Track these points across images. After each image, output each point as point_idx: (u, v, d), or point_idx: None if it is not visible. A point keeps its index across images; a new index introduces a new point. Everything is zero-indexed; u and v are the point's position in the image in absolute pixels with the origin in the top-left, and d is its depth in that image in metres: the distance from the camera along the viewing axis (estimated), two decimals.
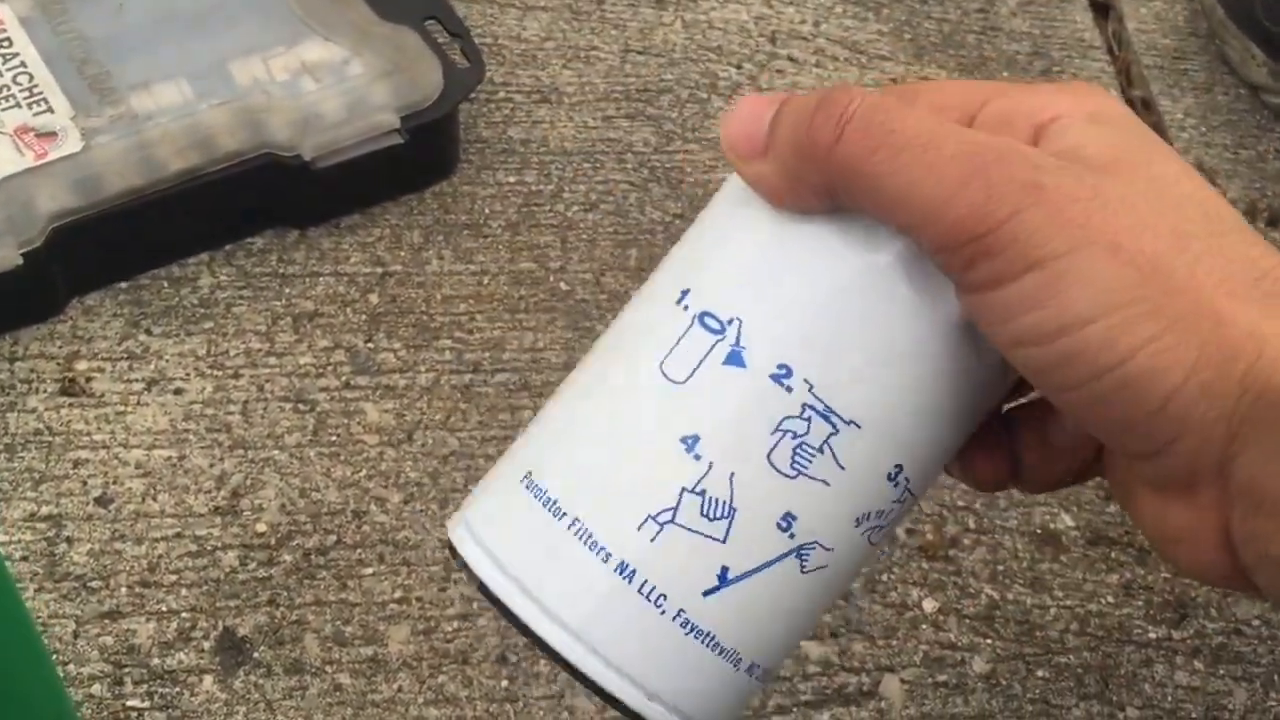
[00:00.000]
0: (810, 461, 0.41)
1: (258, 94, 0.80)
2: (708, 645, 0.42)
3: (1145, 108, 0.97)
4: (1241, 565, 0.40)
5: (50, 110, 0.78)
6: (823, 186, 0.41)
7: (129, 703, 0.67)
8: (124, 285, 0.80)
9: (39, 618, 0.69)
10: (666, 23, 0.98)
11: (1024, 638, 0.73)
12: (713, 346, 0.42)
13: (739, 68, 0.96)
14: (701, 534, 0.41)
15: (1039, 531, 0.76)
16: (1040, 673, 0.72)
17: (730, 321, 0.42)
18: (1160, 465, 0.40)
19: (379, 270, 0.83)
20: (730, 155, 0.44)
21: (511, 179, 0.88)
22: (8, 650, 0.47)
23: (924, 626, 0.73)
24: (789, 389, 0.41)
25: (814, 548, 0.42)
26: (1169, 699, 0.71)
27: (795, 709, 0.69)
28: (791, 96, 0.43)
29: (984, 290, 0.40)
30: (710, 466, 0.41)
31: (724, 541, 0.41)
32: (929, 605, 0.73)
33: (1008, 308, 0.39)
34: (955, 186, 0.39)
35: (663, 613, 0.41)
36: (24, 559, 0.70)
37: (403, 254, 0.84)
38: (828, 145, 0.40)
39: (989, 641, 0.72)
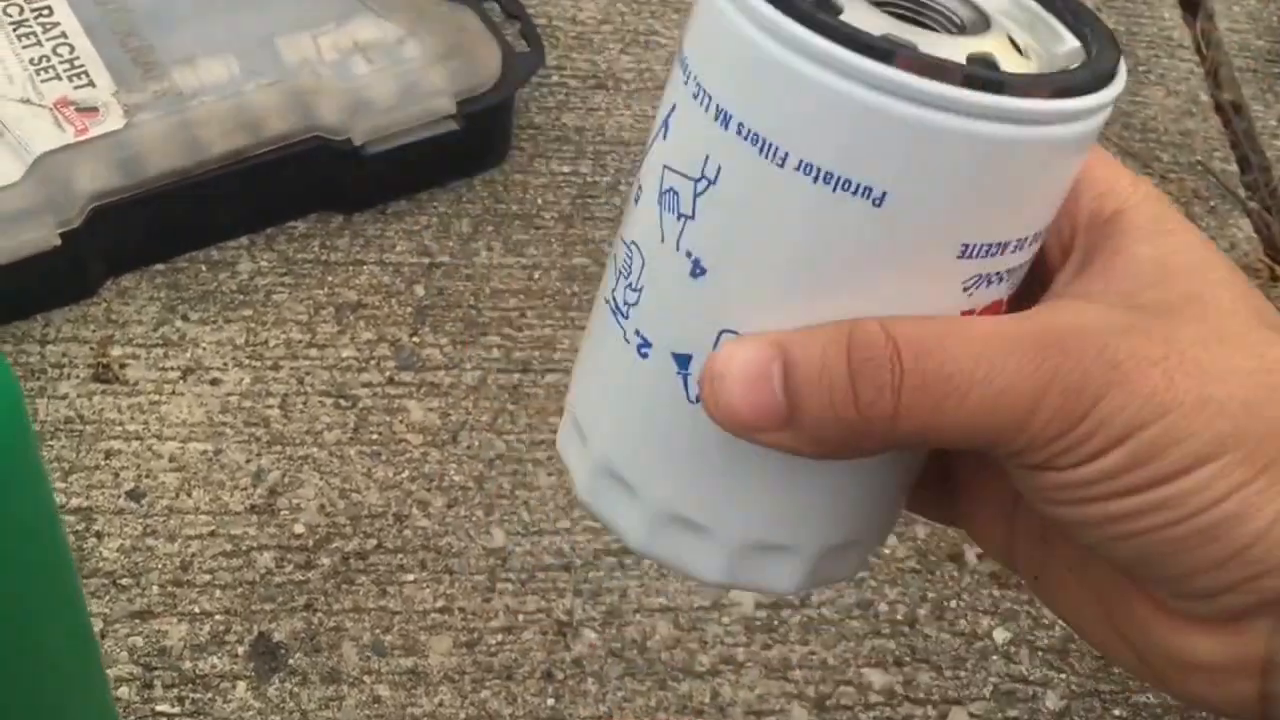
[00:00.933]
0: None
1: (307, 75, 0.79)
2: None
3: (1236, 112, 0.96)
4: (1269, 692, 0.41)
5: (92, 84, 0.77)
6: (881, 448, 0.40)
7: (158, 707, 0.67)
8: (160, 267, 0.80)
9: None
10: None
11: (1100, 674, 0.72)
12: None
13: None
14: None
15: None
16: (1116, 711, 0.71)
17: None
18: (1222, 602, 0.40)
19: (426, 260, 0.82)
20: (735, 428, 0.39)
21: (565, 169, 0.87)
22: (64, 656, 0.47)
23: (994, 658, 0.72)
24: None
25: None
26: None
27: None
28: (798, 349, 0.39)
29: (1066, 470, 0.39)
30: None
31: None
32: (1000, 635, 0.73)
33: (1090, 480, 0.39)
34: (1031, 403, 0.38)
35: None
36: None
37: (451, 244, 0.83)
38: (887, 418, 0.38)
39: (1063, 676, 0.72)
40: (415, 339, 0.79)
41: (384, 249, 0.82)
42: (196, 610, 0.69)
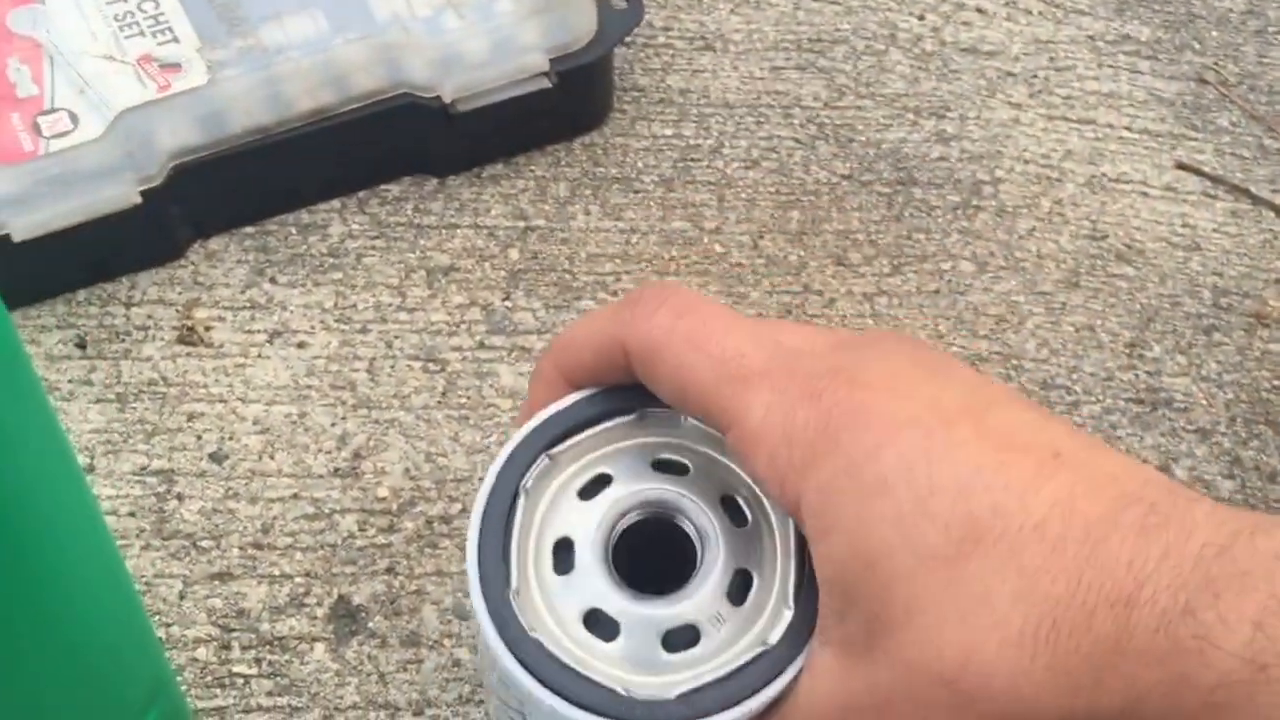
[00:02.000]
0: None
1: (396, 29, 0.81)
2: None
3: None
4: None
5: (175, 40, 0.79)
6: None
7: (235, 669, 0.68)
8: (250, 230, 0.81)
9: (143, 576, 0.70)
10: None
11: None
12: None
13: (921, 18, 0.96)
14: None
15: None
16: None
17: None
18: None
19: (521, 224, 0.83)
20: None
21: (668, 131, 0.88)
22: (106, 611, 0.48)
23: None
24: None
25: None
26: None
27: None
28: None
29: None
30: None
31: None
32: None
33: None
34: None
35: None
36: (131, 514, 0.72)
37: (547, 207, 0.84)
38: None
39: None
40: (508, 303, 0.80)
41: (478, 212, 0.84)
42: (276, 573, 0.71)
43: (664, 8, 0.94)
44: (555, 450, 0.49)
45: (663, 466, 0.50)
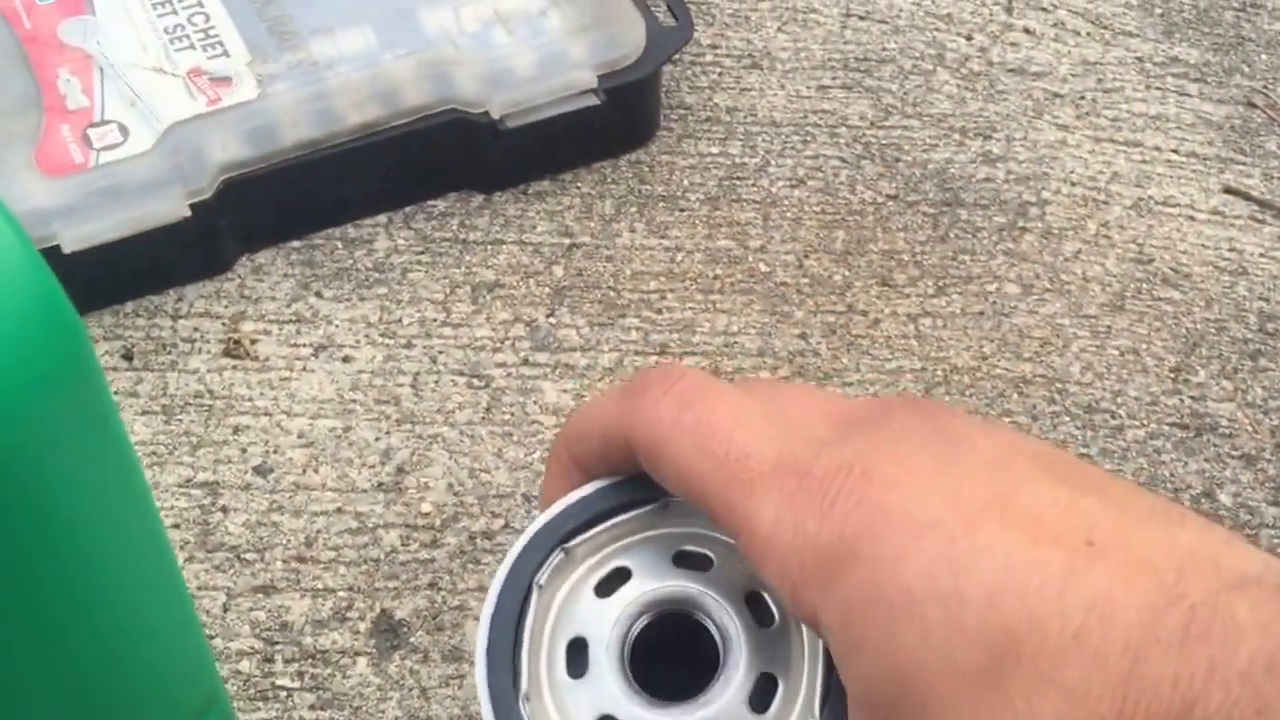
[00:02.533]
0: None
1: (446, 45, 0.82)
2: None
3: None
4: None
5: (226, 54, 0.81)
6: None
7: (278, 681, 0.70)
8: (296, 244, 0.83)
9: (188, 588, 0.72)
10: None
11: None
12: None
13: (969, 39, 0.97)
14: None
15: None
16: None
17: None
18: None
19: (566, 241, 0.85)
20: None
21: (714, 150, 0.90)
22: (162, 623, 0.49)
23: None
24: None
25: None
26: None
27: None
28: None
29: None
30: None
31: None
32: None
33: None
34: None
35: None
36: (176, 526, 0.73)
37: (592, 225, 0.86)
38: None
39: None
40: (552, 320, 0.82)
41: (524, 229, 0.85)
42: (320, 586, 0.72)
43: (711, 25, 0.95)
44: (571, 544, 0.48)
45: (684, 559, 0.49)
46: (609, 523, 0.48)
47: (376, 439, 0.77)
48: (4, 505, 0.36)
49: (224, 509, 0.74)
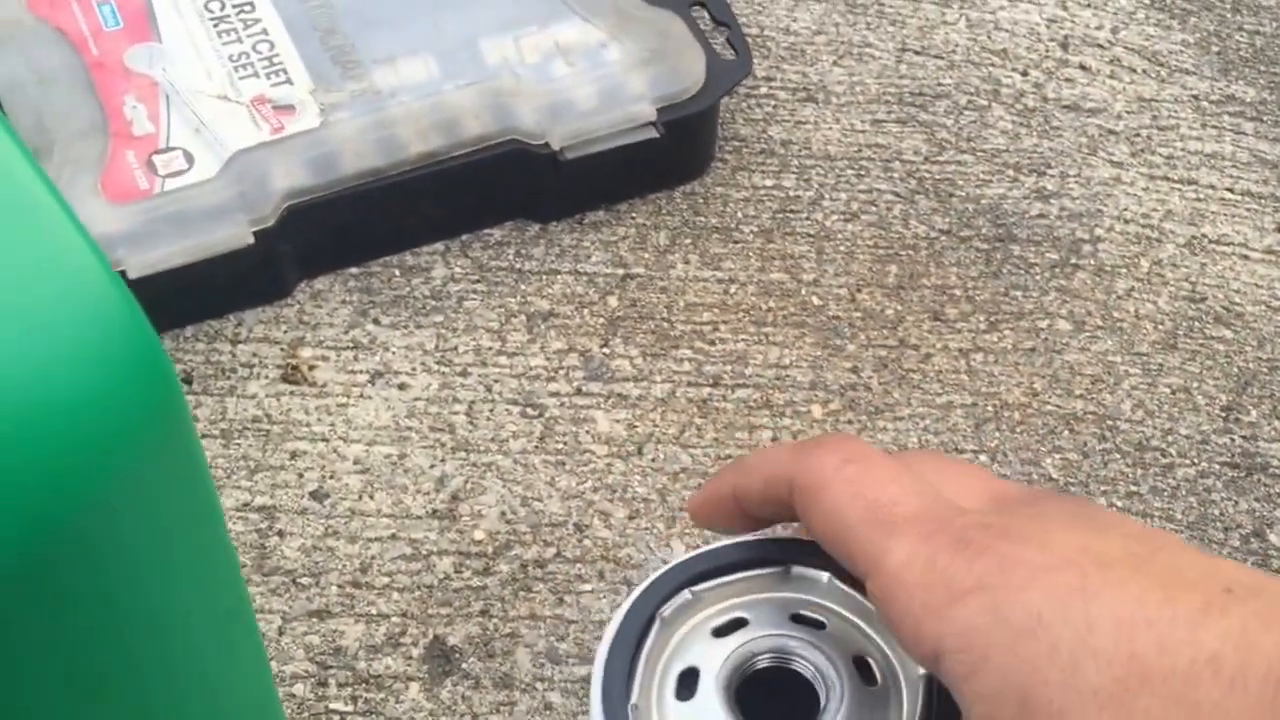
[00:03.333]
0: None
1: (506, 75, 0.86)
2: None
3: None
4: None
5: (289, 82, 0.84)
6: None
7: (332, 705, 0.73)
8: (354, 271, 0.86)
9: None
10: (949, 21, 1.02)
11: None
12: None
13: (1024, 74, 1.00)
14: None
15: None
16: None
17: None
18: None
19: (620, 272, 0.88)
20: None
21: (768, 182, 0.93)
22: (232, 671, 0.52)
23: None
24: None
25: None
26: None
27: None
28: None
29: None
30: None
31: None
32: None
33: None
34: None
35: None
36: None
37: (647, 256, 0.89)
38: None
39: None
40: (605, 350, 0.85)
41: (579, 259, 0.88)
42: (374, 611, 0.75)
43: (767, 58, 0.98)
44: (699, 587, 0.52)
45: (800, 620, 0.52)
46: (735, 575, 0.52)
47: (431, 466, 0.80)
48: (97, 567, 0.37)
49: (280, 533, 0.77)
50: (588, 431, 0.82)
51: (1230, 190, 0.96)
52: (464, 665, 0.74)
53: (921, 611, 0.45)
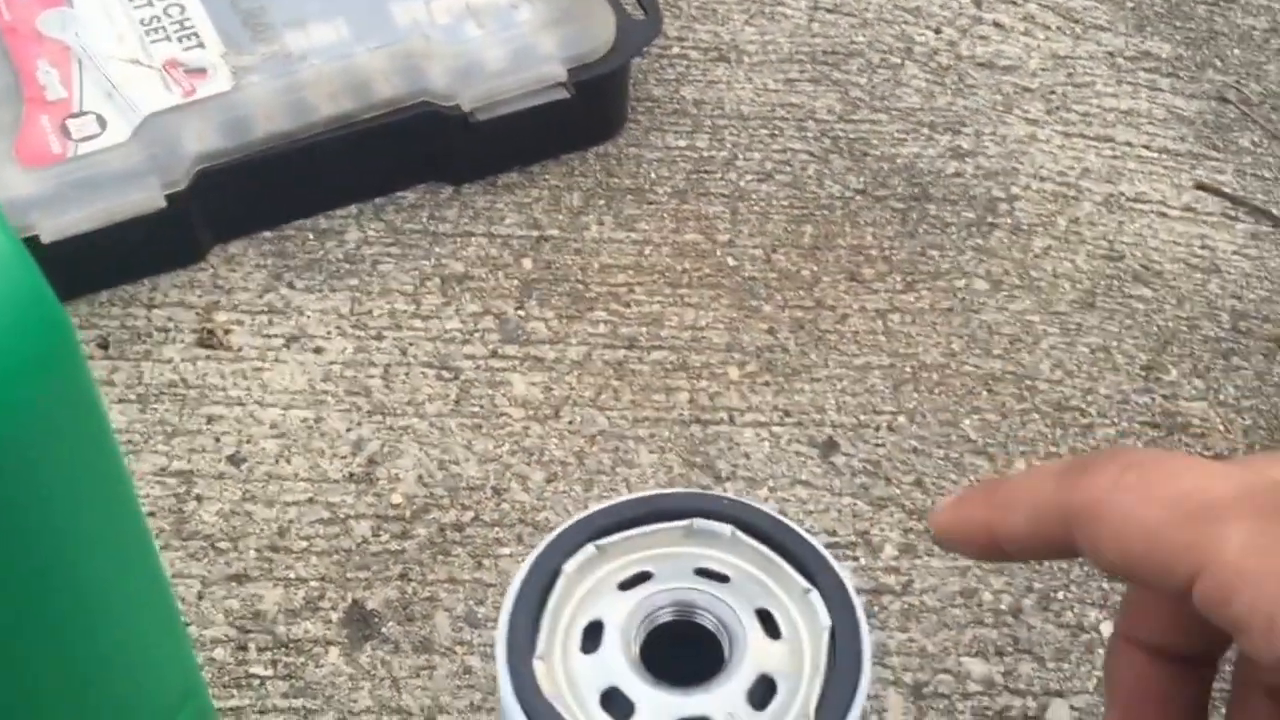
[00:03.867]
0: None
1: (417, 37, 0.87)
2: None
3: None
4: None
5: (201, 45, 0.86)
6: None
7: (251, 669, 0.74)
8: (268, 235, 0.88)
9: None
10: None
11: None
12: None
13: (938, 32, 1.02)
14: None
15: None
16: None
17: None
18: None
19: (535, 234, 0.90)
20: None
21: (681, 143, 0.95)
22: (144, 613, 0.53)
23: (1100, 651, 0.77)
24: None
25: None
26: None
27: None
28: None
29: None
30: None
31: None
32: (1108, 629, 0.78)
33: None
34: None
35: None
36: (152, 514, 0.78)
37: (561, 217, 0.91)
38: None
39: None
40: (521, 312, 0.87)
41: (493, 221, 0.90)
42: (292, 575, 0.77)
43: (678, 18, 1.00)
44: (603, 541, 0.53)
45: (704, 574, 0.53)
46: (639, 530, 0.53)
47: (348, 430, 0.82)
48: None
49: (198, 498, 0.79)
50: (504, 394, 0.84)
51: (1147, 147, 0.98)
52: (383, 629, 0.76)
53: (1277, 605, 0.40)
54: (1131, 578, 0.44)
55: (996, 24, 1.03)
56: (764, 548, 0.52)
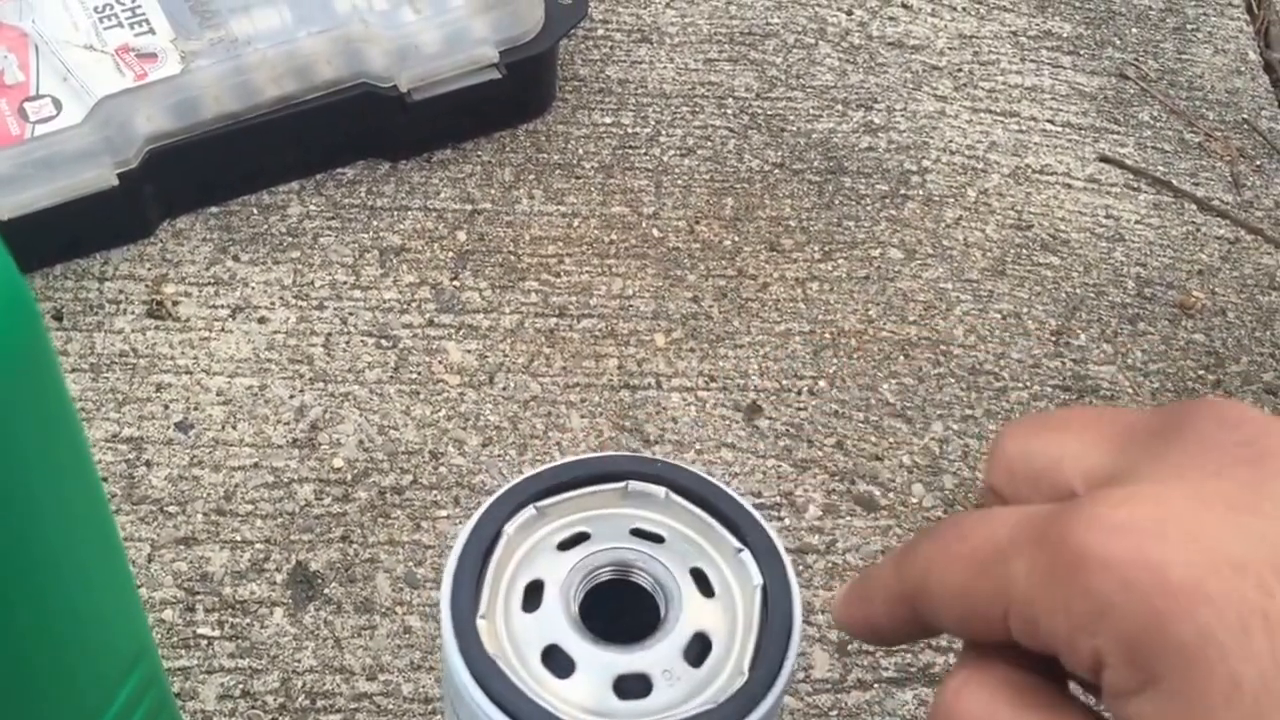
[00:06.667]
0: None
1: (356, 23, 0.88)
2: None
3: None
4: None
5: (152, 31, 0.86)
6: None
7: (199, 630, 0.75)
8: (214, 210, 0.89)
9: None
10: None
11: None
12: None
13: (849, 13, 1.03)
14: None
15: None
16: None
17: None
18: None
19: (468, 207, 0.91)
20: None
21: (607, 120, 0.96)
22: (99, 578, 0.53)
23: None
24: None
25: None
26: None
27: (877, 685, 0.76)
28: None
29: None
30: None
31: None
32: None
33: None
34: None
35: None
36: (103, 479, 0.79)
37: (493, 192, 0.92)
38: None
39: None
40: (456, 283, 0.88)
41: (428, 195, 0.91)
42: (238, 538, 0.78)
43: (603, 1, 1.01)
44: (543, 503, 0.54)
45: (640, 534, 0.54)
46: (577, 491, 0.54)
47: (291, 397, 0.83)
48: None
49: (148, 463, 0.80)
50: (440, 362, 0.85)
51: (1051, 122, 0.99)
52: (326, 590, 0.77)
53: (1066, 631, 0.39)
54: (975, 637, 0.43)
55: (905, 5, 1.04)
56: (697, 509, 0.53)
